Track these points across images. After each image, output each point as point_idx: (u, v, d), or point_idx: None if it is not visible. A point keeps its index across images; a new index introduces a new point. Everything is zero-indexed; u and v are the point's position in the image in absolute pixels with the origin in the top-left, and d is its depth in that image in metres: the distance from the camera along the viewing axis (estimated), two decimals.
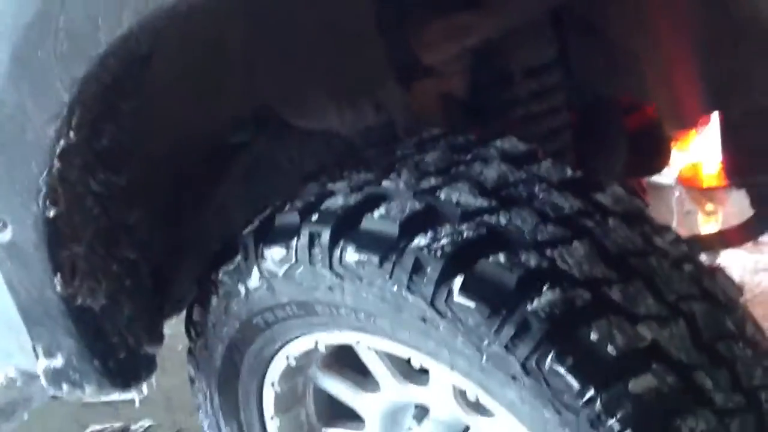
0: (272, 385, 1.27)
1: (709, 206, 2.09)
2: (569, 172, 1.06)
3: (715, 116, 1.63)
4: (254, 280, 1.11)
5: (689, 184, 2.07)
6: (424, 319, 0.96)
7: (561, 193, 1.02)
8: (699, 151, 1.98)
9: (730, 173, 1.65)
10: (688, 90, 1.49)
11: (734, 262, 2.64)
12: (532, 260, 0.93)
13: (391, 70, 1.34)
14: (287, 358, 1.22)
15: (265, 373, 1.26)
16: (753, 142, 1.58)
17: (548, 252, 0.94)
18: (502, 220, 0.97)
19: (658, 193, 2.17)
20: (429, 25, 1.29)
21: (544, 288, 0.91)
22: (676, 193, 2.63)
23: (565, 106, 1.48)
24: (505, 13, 1.28)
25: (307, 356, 1.23)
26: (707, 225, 2.11)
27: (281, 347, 1.21)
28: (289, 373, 1.26)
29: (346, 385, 1.27)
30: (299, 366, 1.25)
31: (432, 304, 0.94)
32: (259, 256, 1.09)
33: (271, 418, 1.32)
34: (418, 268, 0.94)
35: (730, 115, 1.58)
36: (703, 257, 1.33)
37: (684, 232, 1.12)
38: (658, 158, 1.73)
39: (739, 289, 1.07)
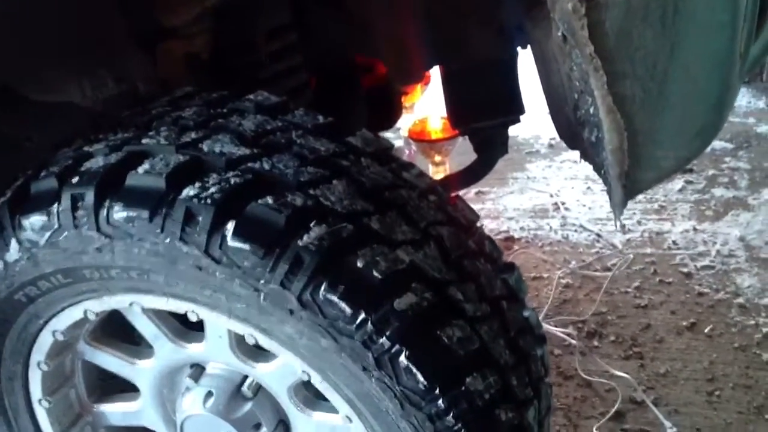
0: (38, 365, 1.22)
1: (438, 157, 2.28)
2: (321, 118, 1.13)
3: (437, 72, 1.79)
4: (13, 253, 1.06)
5: (418, 137, 2.24)
6: (200, 268, 0.98)
7: (316, 137, 1.09)
8: (424, 107, 2.15)
9: (454, 122, 1.82)
10: (413, 48, 1.63)
11: None
12: (297, 200, 0.98)
13: (131, 37, 1.33)
14: (53, 333, 1.18)
15: (29, 352, 1.21)
16: (471, 93, 1.75)
17: (311, 191, 1.00)
18: (266, 166, 1.01)
19: None
20: None
21: (312, 224, 0.97)
22: (407, 151, 2.84)
23: (303, 67, 1.55)
24: None
25: (75, 329, 1.19)
26: (437, 175, 2.31)
27: (46, 322, 1.16)
28: (56, 350, 1.22)
29: (117, 355, 1.25)
30: (67, 341, 1.21)
31: (207, 251, 0.96)
32: (17, 227, 1.04)
33: (39, 401, 1.27)
34: (189, 218, 0.96)
35: (449, 70, 1.74)
36: None
37: None
38: (391, 114, 1.86)
39: (476, 213, 1.21)
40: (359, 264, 0.97)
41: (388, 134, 2.10)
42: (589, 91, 1.14)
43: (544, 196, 3.06)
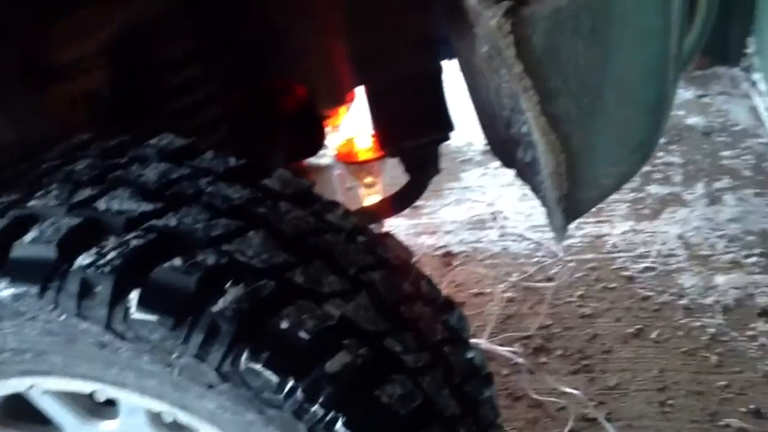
0: None
1: (368, 179, 2.19)
2: (233, 161, 1.02)
3: (361, 91, 1.70)
4: None
5: (346, 159, 2.15)
6: (102, 345, 0.87)
7: (228, 183, 0.98)
8: (351, 127, 2.06)
9: (382, 143, 1.74)
10: (336, 68, 1.54)
11: (396, 228, 2.82)
12: (209, 259, 0.88)
13: (18, 78, 1.20)
14: None
15: None
16: (397, 110, 1.67)
17: (225, 247, 0.89)
18: (172, 222, 0.90)
19: (318, 174, 2.22)
20: (56, 23, 1.17)
21: (227, 285, 0.87)
22: (336, 171, 2.74)
23: (219, 95, 1.44)
24: (137, 5, 1.20)
25: None
26: (370, 197, 2.21)
27: None
28: None
29: None
30: None
31: (109, 326, 0.85)
32: None
33: None
34: (86, 290, 0.85)
35: (374, 88, 1.65)
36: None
37: (350, 207, 1.15)
38: (315, 139, 1.76)
39: (409, 251, 1.12)
40: (284, 325, 0.87)
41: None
42: (520, 111, 1.07)
43: (481, 206, 2.99)
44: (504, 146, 1.33)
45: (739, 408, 1.91)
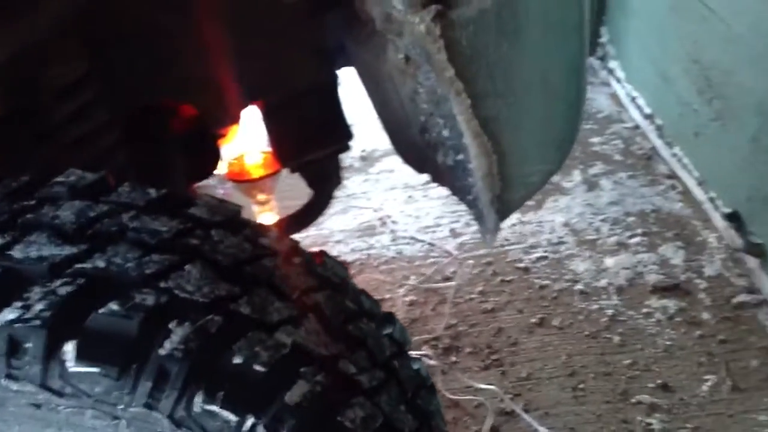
0: None
1: (261, 196, 2.13)
2: (153, 192, 0.95)
3: (253, 108, 1.64)
4: None
5: (237, 178, 2.07)
6: (37, 406, 0.78)
7: (153, 216, 0.91)
8: (241, 144, 1.99)
9: (281, 159, 1.69)
10: (228, 87, 1.47)
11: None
12: (148, 298, 0.81)
13: None
14: None
15: None
16: (295, 124, 1.62)
17: (163, 284, 0.83)
18: (101, 263, 0.83)
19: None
20: None
21: (172, 325, 0.80)
22: (220, 190, 2.66)
23: (110, 121, 1.35)
24: (23, 27, 1.10)
25: None
26: (263, 215, 2.15)
27: None
28: None
29: None
30: None
31: (44, 384, 0.77)
32: None
33: None
34: (14, 347, 0.76)
35: (269, 103, 1.60)
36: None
37: None
38: (209, 161, 1.69)
39: (344, 267, 1.09)
40: (237, 360, 0.81)
41: None
42: (444, 115, 1.05)
43: (368, 213, 2.98)
44: (417, 152, 1.31)
45: (647, 384, 1.99)
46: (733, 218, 2.46)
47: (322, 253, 1.05)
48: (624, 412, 1.92)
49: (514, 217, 2.75)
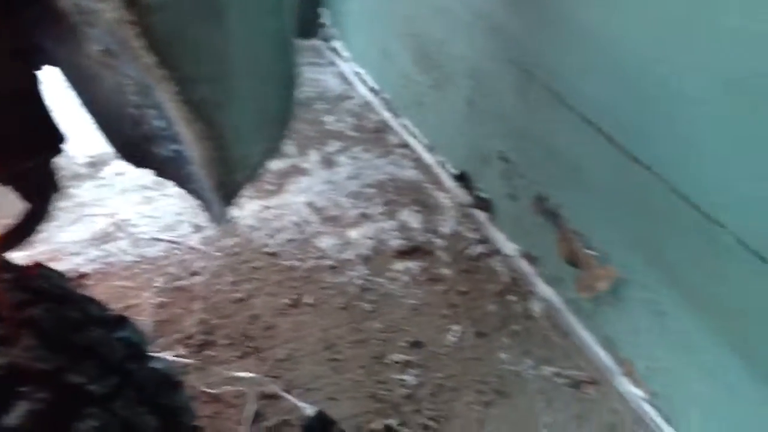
0: None
1: None
2: None
3: None
4: None
5: None
6: None
7: None
8: None
9: None
10: None
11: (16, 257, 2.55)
12: None
13: None
14: None
15: None
16: None
17: None
18: None
19: None
20: None
21: None
22: None
23: None
24: None
25: None
26: None
27: None
28: None
29: None
30: None
31: None
32: None
33: None
34: None
35: None
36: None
37: None
38: None
39: (65, 276, 1.02)
40: None
41: None
42: (154, 105, 1.02)
43: (102, 219, 2.82)
44: (134, 147, 1.26)
45: (399, 344, 2.08)
46: (461, 178, 2.64)
47: (38, 266, 0.98)
48: (380, 374, 2.00)
49: (256, 204, 2.75)
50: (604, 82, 1.72)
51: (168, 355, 2.11)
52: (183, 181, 1.15)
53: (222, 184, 1.02)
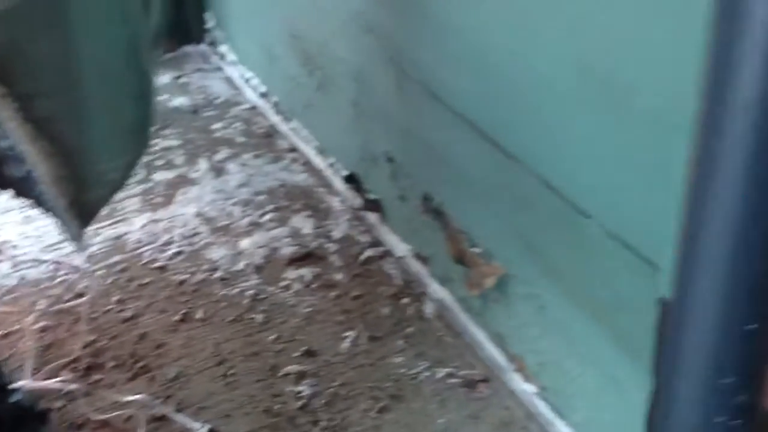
0: None
1: None
2: None
3: None
4: None
5: None
6: None
7: None
8: None
9: None
10: None
11: None
12: None
13: None
14: None
15: None
16: None
17: None
18: None
19: None
20: None
21: None
22: None
23: None
24: None
25: None
26: None
27: None
28: None
29: None
30: None
31: None
32: None
33: None
34: None
35: None
36: None
37: None
38: None
39: None
40: None
41: None
42: None
43: None
44: None
45: (293, 354, 2.05)
46: (351, 180, 2.63)
47: None
48: (274, 387, 1.96)
49: (143, 218, 2.67)
50: (473, 77, 1.74)
51: (53, 382, 2.02)
52: (37, 202, 1.10)
53: (75, 202, 0.97)
